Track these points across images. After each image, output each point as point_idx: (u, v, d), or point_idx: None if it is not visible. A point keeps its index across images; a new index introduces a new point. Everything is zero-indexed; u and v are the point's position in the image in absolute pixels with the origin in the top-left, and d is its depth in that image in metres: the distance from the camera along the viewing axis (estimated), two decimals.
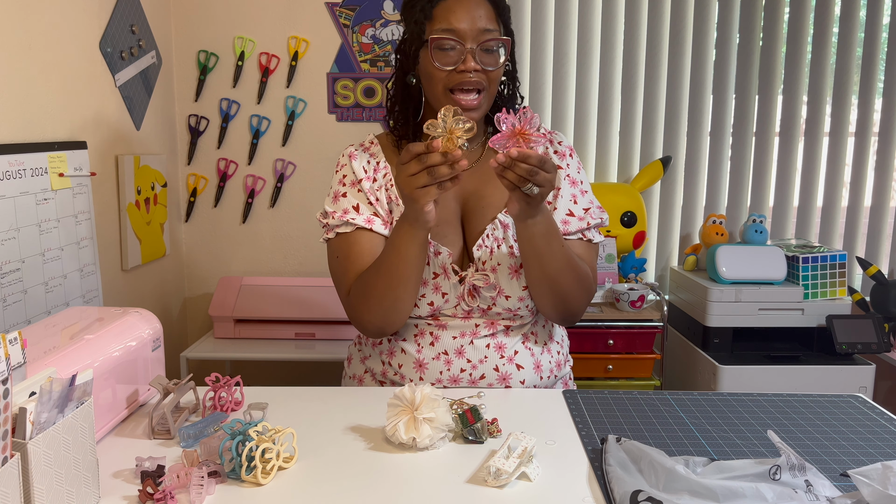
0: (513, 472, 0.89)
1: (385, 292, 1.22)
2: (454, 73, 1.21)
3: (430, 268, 1.27)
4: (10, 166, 1.50)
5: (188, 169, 2.49)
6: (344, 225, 1.29)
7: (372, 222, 1.29)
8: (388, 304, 1.23)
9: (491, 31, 1.22)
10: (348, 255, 1.29)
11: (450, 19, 1.20)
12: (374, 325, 1.26)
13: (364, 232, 1.29)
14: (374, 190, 1.32)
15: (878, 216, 2.60)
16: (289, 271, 2.56)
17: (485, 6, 1.23)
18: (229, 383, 1.12)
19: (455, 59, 1.21)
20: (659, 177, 2.54)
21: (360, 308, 1.25)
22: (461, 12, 1.21)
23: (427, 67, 1.23)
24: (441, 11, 1.22)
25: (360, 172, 1.32)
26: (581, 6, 2.51)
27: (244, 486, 0.89)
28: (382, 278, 1.22)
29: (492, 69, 1.23)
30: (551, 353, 1.36)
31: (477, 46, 1.21)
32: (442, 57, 1.21)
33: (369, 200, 1.31)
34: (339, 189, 1.33)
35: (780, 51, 2.53)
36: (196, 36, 2.42)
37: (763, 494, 0.83)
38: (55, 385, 0.75)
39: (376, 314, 1.24)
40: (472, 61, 1.21)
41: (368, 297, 1.24)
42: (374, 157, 1.35)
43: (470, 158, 1.33)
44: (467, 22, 1.20)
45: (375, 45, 2.44)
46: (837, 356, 2.21)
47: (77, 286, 1.75)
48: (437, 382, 1.27)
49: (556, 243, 1.21)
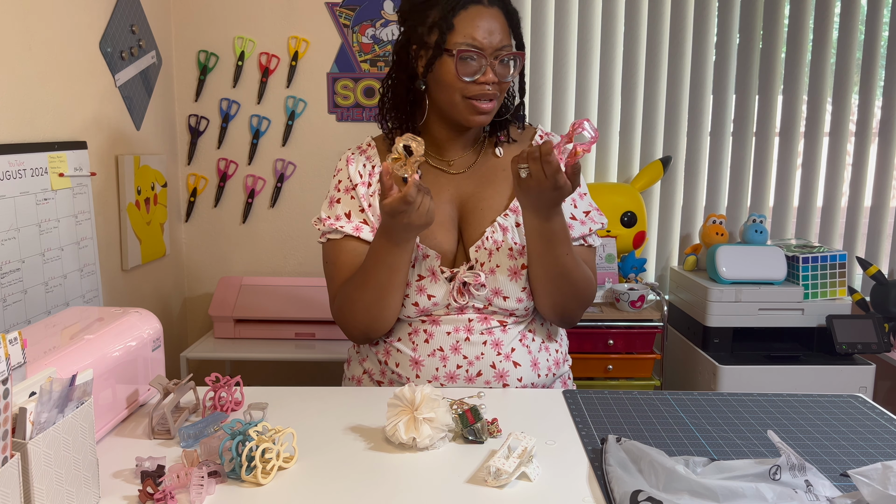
0: (513, 472, 0.89)
1: (371, 302, 1.24)
2: (473, 84, 1.24)
3: (416, 270, 1.28)
4: (10, 166, 1.50)
5: (188, 169, 2.49)
6: (334, 232, 1.31)
7: (360, 230, 1.30)
8: (375, 312, 1.25)
9: (507, 45, 1.25)
10: (335, 262, 1.31)
11: (474, 34, 1.22)
12: (358, 331, 1.29)
13: (352, 240, 1.31)
14: (367, 195, 1.33)
15: (878, 216, 2.60)
16: (289, 271, 2.56)
17: (501, 18, 1.25)
18: (229, 383, 1.12)
19: (475, 70, 1.23)
20: (659, 177, 2.54)
21: (345, 316, 1.28)
22: (484, 26, 1.23)
23: (445, 76, 1.24)
24: (463, 23, 1.23)
25: (356, 177, 1.33)
26: (581, 6, 2.51)
27: (244, 486, 0.89)
28: (368, 290, 1.24)
29: (507, 80, 1.27)
30: (549, 351, 1.36)
31: (496, 60, 1.24)
32: (463, 67, 1.23)
33: (361, 207, 1.32)
34: (334, 194, 1.35)
35: (780, 51, 2.53)
36: (196, 36, 2.42)
37: (763, 494, 0.83)
38: (55, 385, 0.75)
39: (361, 321, 1.27)
40: (492, 73, 1.24)
41: (352, 306, 1.26)
42: (371, 161, 1.36)
43: (465, 162, 1.36)
44: (488, 36, 1.23)
45: (375, 45, 2.44)
46: (837, 356, 2.21)
47: (77, 286, 1.75)
48: (433, 380, 1.28)
49: (565, 248, 1.24)
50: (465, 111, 1.26)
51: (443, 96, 1.27)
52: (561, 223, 1.22)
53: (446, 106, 1.27)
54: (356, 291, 1.25)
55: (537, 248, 1.24)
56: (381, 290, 1.23)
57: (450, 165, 1.35)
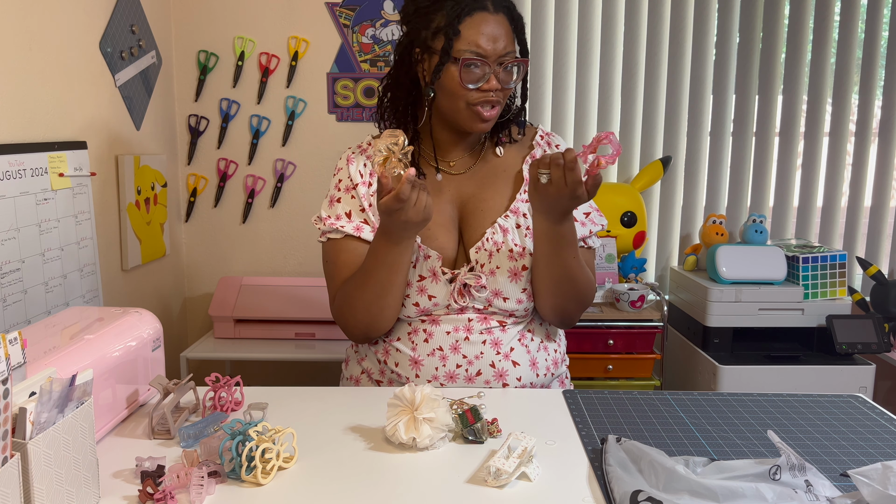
0: (513, 472, 0.89)
1: (372, 301, 1.24)
2: (477, 91, 1.24)
3: (417, 270, 1.27)
4: (10, 166, 1.50)
5: (188, 169, 2.49)
6: (334, 231, 1.31)
7: (361, 230, 1.30)
8: (375, 312, 1.25)
9: (511, 52, 1.25)
10: (335, 262, 1.31)
11: (478, 41, 1.22)
12: (358, 331, 1.29)
13: (352, 240, 1.31)
14: (367, 195, 1.33)
15: (878, 216, 2.60)
16: (289, 271, 2.56)
17: (505, 25, 1.25)
18: (229, 383, 1.12)
19: (478, 78, 1.23)
20: (659, 177, 2.54)
21: (345, 315, 1.28)
22: (488, 33, 1.22)
23: (449, 83, 1.24)
24: (468, 30, 1.22)
25: (357, 177, 1.33)
26: (581, 6, 2.51)
27: (244, 486, 0.89)
28: (369, 289, 1.23)
29: (510, 87, 1.27)
30: (548, 351, 1.36)
31: (500, 67, 1.24)
32: (467, 75, 1.23)
33: (362, 207, 1.32)
34: (334, 193, 1.35)
35: (780, 51, 2.53)
36: (196, 36, 2.42)
37: (763, 494, 0.83)
38: (55, 385, 0.75)
39: (361, 321, 1.27)
40: (495, 80, 1.23)
41: (353, 305, 1.26)
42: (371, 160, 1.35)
43: (465, 164, 1.36)
44: (492, 44, 1.22)
45: (375, 45, 2.44)
46: (837, 356, 2.21)
47: (77, 286, 1.75)
48: (433, 379, 1.28)
49: (572, 251, 1.24)
50: (468, 118, 1.26)
51: (446, 102, 1.27)
52: (570, 227, 1.22)
53: (449, 112, 1.28)
54: (356, 290, 1.25)
55: (545, 251, 1.24)
56: (381, 290, 1.23)
57: (450, 166, 1.35)
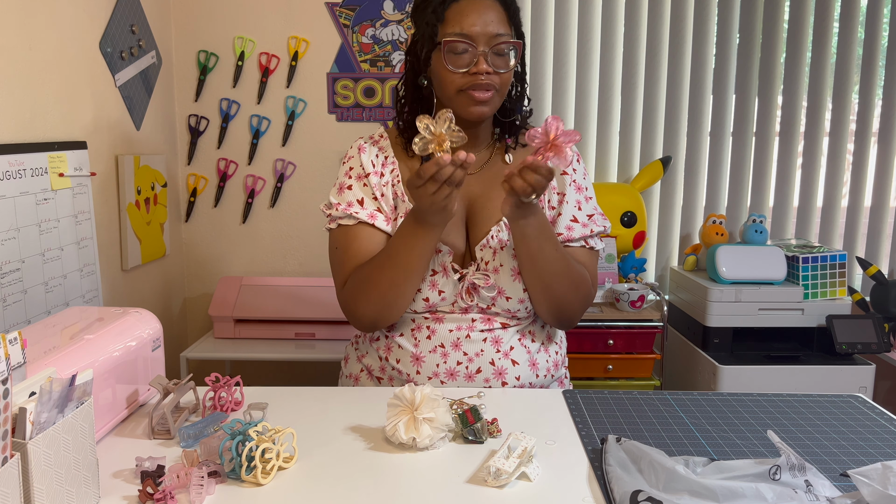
0: (513, 472, 0.89)
1: (389, 287, 1.23)
2: (466, 76, 1.22)
3: (430, 265, 1.27)
4: (10, 166, 1.50)
5: (188, 169, 2.49)
6: (347, 217, 1.30)
7: (375, 217, 1.29)
8: (391, 298, 1.24)
9: (502, 34, 1.23)
10: (347, 249, 1.30)
11: (462, 23, 1.21)
12: (368, 318, 1.27)
13: (365, 227, 1.29)
14: (380, 185, 1.32)
15: (878, 216, 2.60)
16: (289, 271, 2.56)
17: (496, 8, 1.24)
18: (229, 383, 1.12)
19: (467, 62, 1.22)
20: (659, 177, 2.54)
21: (358, 300, 1.26)
22: (473, 16, 1.21)
23: (439, 70, 1.24)
24: (453, 14, 1.22)
25: (369, 166, 1.33)
26: (581, 6, 2.51)
27: (244, 486, 0.89)
28: (388, 273, 1.22)
29: (503, 72, 1.24)
30: (549, 352, 1.36)
31: (489, 49, 1.22)
32: (454, 60, 1.22)
33: (374, 195, 1.31)
34: (344, 181, 1.33)
35: (780, 51, 2.53)
36: (196, 36, 2.42)
37: (763, 494, 0.83)
38: (55, 385, 0.75)
39: (374, 307, 1.25)
40: (485, 64, 1.22)
41: (368, 290, 1.24)
42: (383, 152, 1.35)
43: (476, 162, 1.34)
44: (479, 25, 1.21)
45: (375, 45, 2.44)
46: (837, 356, 2.21)
47: (77, 286, 1.75)
48: (434, 376, 1.28)
49: (548, 245, 1.23)
50: (462, 104, 1.24)
51: (440, 91, 1.27)
52: (540, 220, 1.22)
53: (445, 101, 1.27)
54: (375, 272, 1.23)
55: (525, 250, 1.23)
56: (402, 274, 1.22)
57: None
